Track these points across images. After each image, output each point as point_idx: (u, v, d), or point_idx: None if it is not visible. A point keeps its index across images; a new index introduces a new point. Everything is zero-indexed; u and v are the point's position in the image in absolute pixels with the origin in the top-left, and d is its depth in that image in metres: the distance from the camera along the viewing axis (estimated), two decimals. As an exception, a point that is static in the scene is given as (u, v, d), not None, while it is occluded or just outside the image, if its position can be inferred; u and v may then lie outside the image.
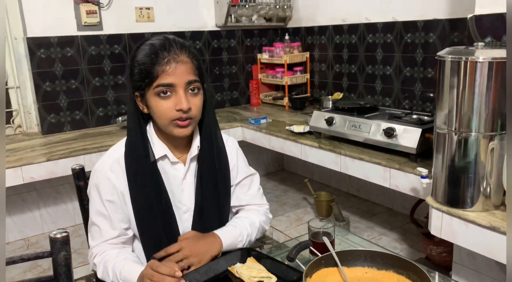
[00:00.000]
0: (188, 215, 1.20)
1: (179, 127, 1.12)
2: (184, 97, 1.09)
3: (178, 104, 1.09)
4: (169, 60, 1.08)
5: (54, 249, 0.92)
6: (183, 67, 1.09)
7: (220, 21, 3.23)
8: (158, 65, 1.08)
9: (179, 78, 1.08)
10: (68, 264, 0.94)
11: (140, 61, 1.10)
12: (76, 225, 2.91)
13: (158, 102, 1.10)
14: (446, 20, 2.38)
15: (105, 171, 1.16)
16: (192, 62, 1.11)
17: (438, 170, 1.50)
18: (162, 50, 1.08)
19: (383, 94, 2.84)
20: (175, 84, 1.08)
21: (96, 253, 1.16)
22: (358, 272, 1.01)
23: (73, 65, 2.79)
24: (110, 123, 2.99)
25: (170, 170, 1.19)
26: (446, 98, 1.42)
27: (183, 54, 1.10)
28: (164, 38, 1.12)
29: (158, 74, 1.08)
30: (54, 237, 0.92)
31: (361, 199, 3.16)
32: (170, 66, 1.07)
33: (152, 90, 1.10)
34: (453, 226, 1.47)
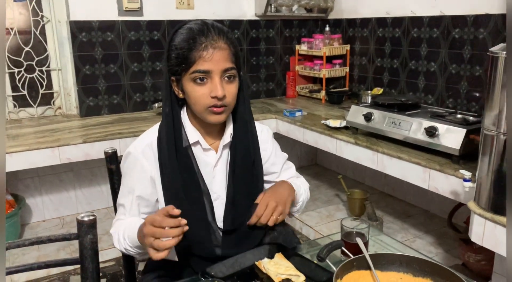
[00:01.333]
0: (218, 202, 1.18)
1: (214, 114, 1.10)
2: (219, 84, 1.07)
3: (214, 91, 1.07)
4: (206, 46, 1.05)
5: (81, 232, 0.92)
6: (220, 54, 1.06)
7: (259, 11, 3.18)
8: (195, 50, 1.05)
9: (216, 65, 1.06)
10: (95, 248, 0.93)
11: (177, 45, 1.08)
12: (109, 207, 2.97)
13: (193, 88, 1.08)
14: (499, 15, 2.24)
15: (137, 154, 1.15)
16: (229, 48, 1.09)
17: (483, 174, 1.41)
18: (199, 35, 1.06)
19: (425, 91, 2.72)
20: (211, 71, 1.06)
21: (114, 224, 1.16)
22: (392, 277, 0.96)
23: (112, 49, 2.81)
24: (146, 109, 3.01)
25: (202, 156, 1.18)
26: (496, 98, 1.33)
27: (221, 40, 1.07)
28: (202, 22, 1.09)
29: (195, 60, 1.06)
30: (81, 219, 0.92)
31: (396, 199, 3.06)
32: (207, 52, 1.05)
33: (188, 76, 1.08)
34: (496, 234, 1.38)
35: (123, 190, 1.18)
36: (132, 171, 1.16)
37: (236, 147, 1.18)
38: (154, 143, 1.15)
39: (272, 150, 1.29)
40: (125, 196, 1.17)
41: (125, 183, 1.18)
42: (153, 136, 1.16)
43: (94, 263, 0.93)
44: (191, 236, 1.12)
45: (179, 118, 1.16)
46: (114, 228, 1.13)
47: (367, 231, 1.08)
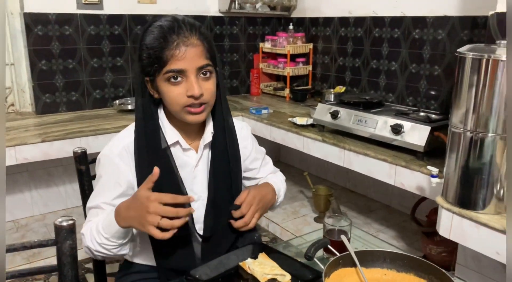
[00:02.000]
0: (200, 203, 1.15)
1: (192, 114, 1.07)
2: (195, 82, 1.03)
3: (190, 90, 1.03)
4: (178, 44, 1.01)
5: (60, 238, 0.87)
6: (193, 51, 1.02)
7: (223, 7, 3.15)
8: (167, 49, 1.01)
9: (190, 63, 1.02)
10: (74, 254, 0.88)
11: (148, 45, 1.03)
12: (68, 209, 2.85)
13: (168, 88, 1.05)
14: (456, 17, 2.34)
15: (113, 157, 1.10)
16: (203, 44, 1.05)
17: (450, 170, 1.47)
18: (170, 33, 1.02)
19: (386, 90, 2.80)
20: (186, 70, 1.03)
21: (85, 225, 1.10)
22: (377, 274, 0.97)
23: (71, 44, 2.69)
24: (106, 106, 2.90)
25: (182, 156, 1.14)
26: (464, 97, 1.38)
27: (193, 36, 1.03)
28: (173, 19, 1.05)
29: (168, 59, 1.02)
30: (59, 224, 0.86)
31: (358, 194, 3.14)
32: (179, 51, 1.01)
33: (162, 76, 1.04)
34: (463, 227, 1.44)
35: (97, 192, 1.12)
36: (108, 174, 1.10)
37: (217, 146, 1.16)
38: (131, 145, 1.10)
39: (252, 147, 1.29)
40: (99, 198, 1.11)
41: (100, 186, 1.12)
42: (129, 138, 1.11)
43: (73, 270, 0.88)
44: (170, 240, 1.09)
45: (155, 119, 1.12)
46: (86, 227, 1.07)
47: (349, 228, 1.10)
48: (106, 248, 1.04)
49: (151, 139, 1.09)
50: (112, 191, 1.09)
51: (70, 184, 2.84)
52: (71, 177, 2.82)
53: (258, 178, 1.34)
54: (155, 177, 0.96)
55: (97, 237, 1.03)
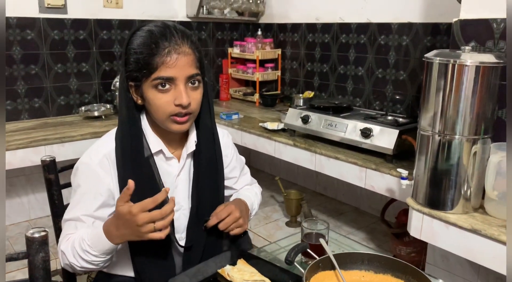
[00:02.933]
0: (181, 213, 1.13)
1: (177, 123, 1.04)
2: (184, 91, 1.01)
3: (178, 99, 1.01)
4: (169, 51, 0.99)
5: (31, 250, 0.83)
6: (184, 60, 1.00)
7: (191, 12, 3.13)
8: (158, 56, 0.99)
9: (180, 72, 1.00)
10: (47, 267, 0.84)
11: (137, 49, 1.00)
12: (31, 220, 2.73)
13: (155, 95, 1.02)
14: (420, 24, 2.42)
15: (94, 165, 1.06)
16: (194, 53, 1.03)
17: (420, 172, 1.51)
18: (162, 39, 0.99)
19: (354, 94, 2.86)
20: (175, 78, 1.00)
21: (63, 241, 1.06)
22: (355, 276, 0.98)
23: (33, 49, 2.60)
24: (72, 113, 2.82)
25: (164, 165, 1.12)
26: (432, 101, 1.43)
27: (185, 45, 1.01)
28: (164, 25, 1.03)
29: (158, 66, 0.99)
30: (31, 236, 0.83)
31: (328, 197, 3.18)
32: (171, 58, 0.99)
33: (150, 82, 1.01)
34: (433, 227, 1.48)
35: (76, 204, 1.07)
36: (87, 184, 1.06)
37: (200, 156, 1.14)
38: (112, 153, 1.07)
39: (233, 156, 1.28)
40: (78, 211, 1.06)
41: (79, 197, 1.07)
42: (110, 146, 1.08)
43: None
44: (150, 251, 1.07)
45: (138, 126, 1.08)
46: (66, 244, 1.03)
47: (326, 231, 1.11)
48: (94, 263, 1.01)
49: (134, 147, 1.06)
50: (93, 201, 1.06)
51: (34, 194, 2.73)
52: (34, 186, 2.72)
53: (235, 189, 1.33)
54: (131, 190, 0.94)
55: (83, 254, 1.00)
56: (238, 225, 1.12)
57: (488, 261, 1.35)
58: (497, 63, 1.35)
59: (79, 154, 2.27)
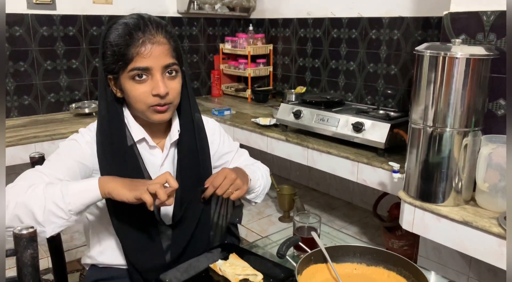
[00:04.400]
0: None
1: (157, 112, 1.04)
2: (161, 81, 1.01)
3: (155, 89, 1.01)
4: (144, 42, 0.99)
5: (19, 247, 0.82)
6: (159, 49, 1.01)
7: (182, 8, 3.11)
8: (132, 47, 0.99)
9: (156, 61, 1.00)
10: (35, 264, 0.83)
11: (112, 42, 1.00)
12: (22, 219, 2.71)
13: (133, 86, 1.02)
14: (411, 18, 2.42)
15: (82, 141, 1.08)
16: (169, 43, 1.03)
17: (411, 165, 1.51)
18: (136, 30, 0.99)
19: (346, 89, 2.85)
20: (151, 68, 1.01)
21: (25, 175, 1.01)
22: (347, 269, 0.98)
23: (22, 46, 2.57)
24: (62, 110, 2.79)
25: (147, 155, 1.12)
26: (423, 94, 1.43)
27: (160, 35, 1.01)
28: (139, 16, 1.03)
29: (133, 57, 0.99)
30: (19, 233, 0.81)
31: (320, 192, 3.18)
32: (145, 48, 0.99)
33: (127, 74, 1.01)
34: (425, 220, 1.48)
35: (52, 164, 1.05)
36: (70, 152, 1.06)
37: (183, 145, 1.13)
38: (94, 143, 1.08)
39: (220, 141, 1.26)
40: (53, 171, 1.02)
41: (57, 158, 1.06)
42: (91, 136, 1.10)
43: (35, 280, 0.84)
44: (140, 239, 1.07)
45: (119, 118, 1.08)
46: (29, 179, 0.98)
47: (318, 225, 1.10)
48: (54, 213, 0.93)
49: (116, 138, 1.06)
50: (68, 168, 1.04)
51: (24, 192, 2.70)
52: (25, 185, 2.69)
53: None
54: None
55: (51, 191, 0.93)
56: (237, 186, 1.07)
57: (479, 253, 1.36)
58: (487, 56, 1.36)
59: (70, 151, 2.27)
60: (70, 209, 0.93)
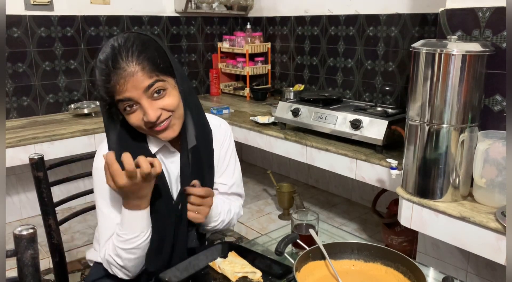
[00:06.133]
0: None
1: (162, 132, 1.04)
2: (149, 108, 0.99)
3: (145, 116, 1.00)
4: (117, 79, 0.97)
5: (20, 248, 0.82)
6: (133, 80, 0.97)
7: (179, 7, 3.11)
8: (109, 84, 0.98)
9: (134, 91, 0.97)
10: (36, 264, 0.84)
11: (97, 81, 1.00)
12: (23, 219, 2.72)
13: (127, 116, 1.02)
14: (408, 15, 2.43)
15: None
16: (143, 65, 0.98)
17: (409, 161, 1.52)
18: (108, 69, 0.97)
19: (344, 87, 2.86)
20: (134, 98, 0.98)
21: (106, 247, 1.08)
22: (345, 265, 0.99)
23: (20, 47, 2.57)
24: (61, 111, 2.80)
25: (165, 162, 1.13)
26: (419, 90, 1.44)
27: (131, 64, 0.97)
28: (111, 48, 0.99)
29: (113, 92, 0.98)
30: (19, 234, 0.82)
31: (320, 190, 3.19)
32: (119, 84, 0.97)
33: (118, 106, 1.02)
34: (423, 216, 1.49)
35: (105, 213, 1.08)
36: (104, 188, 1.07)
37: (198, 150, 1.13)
38: None
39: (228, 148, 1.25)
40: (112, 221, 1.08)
41: (106, 205, 1.08)
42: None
43: (35, 280, 0.84)
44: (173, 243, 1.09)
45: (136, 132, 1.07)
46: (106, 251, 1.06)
47: (316, 222, 1.11)
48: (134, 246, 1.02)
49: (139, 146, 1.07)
50: (117, 207, 1.07)
51: (24, 193, 2.72)
52: (25, 186, 2.70)
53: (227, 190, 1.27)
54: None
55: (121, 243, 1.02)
56: (201, 211, 1.06)
57: (477, 248, 1.37)
58: (483, 52, 1.36)
59: (69, 152, 2.29)
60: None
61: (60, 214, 1.33)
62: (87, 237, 2.52)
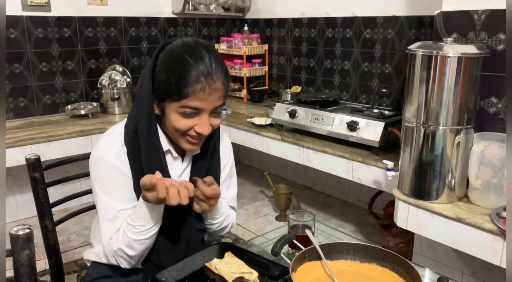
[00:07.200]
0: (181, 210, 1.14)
1: (190, 143, 1.07)
2: (207, 122, 1.03)
3: (200, 127, 1.02)
4: (204, 87, 0.98)
5: (16, 248, 0.82)
6: (216, 95, 1.01)
7: (177, 8, 3.12)
8: (191, 87, 0.98)
9: (210, 105, 1.01)
10: (32, 264, 0.84)
11: (169, 71, 0.99)
12: (20, 220, 2.71)
13: (178, 118, 1.03)
14: (404, 17, 2.44)
15: (111, 160, 1.07)
16: (225, 87, 1.03)
17: (405, 163, 1.53)
18: (198, 72, 0.97)
19: (340, 88, 2.87)
20: (203, 109, 1.01)
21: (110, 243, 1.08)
22: (341, 265, 1.00)
23: (17, 48, 2.57)
24: (58, 111, 2.79)
25: (169, 166, 1.13)
26: (415, 92, 1.45)
27: (219, 80, 1.00)
28: (200, 52, 0.99)
29: (188, 95, 0.99)
30: (15, 233, 0.82)
31: (317, 191, 3.20)
32: (204, 93, 0.99)
33: (175, 106, 1.01)
34: (419, 217, 1.50)
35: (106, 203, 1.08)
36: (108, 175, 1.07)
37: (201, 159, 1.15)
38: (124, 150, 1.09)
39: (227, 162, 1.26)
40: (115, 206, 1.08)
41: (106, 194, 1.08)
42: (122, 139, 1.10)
43: (32, 281, 0.84)
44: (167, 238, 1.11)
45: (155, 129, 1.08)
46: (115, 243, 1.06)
47: (312, 222, 1.12)
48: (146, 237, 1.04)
49: (153, 142, 1.07)
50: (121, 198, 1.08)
51: (21, 194, 2.71)
52: (21, 186, 2.70)
53: None
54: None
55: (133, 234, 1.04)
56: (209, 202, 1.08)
57: (472, 249, 1.38)
58: (478, 54, 1.37)
59: (66, 152, 2.29)
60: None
61: (56, 215, 1.33)
62: (83, 238, 2.51)
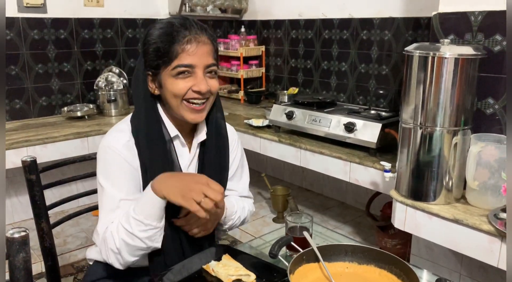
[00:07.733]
0: None
1: (193, 111, 1.06)
2: (203, 78, 1.05)
3: (197, 85, 1.04)
4: (190, 40, 1.02)
5: (12, 251, 0.82)
6: (204, 48, 1.04)
7: (173, 10, 3.11)
8: (178, 44, 1.02)
9: (200, 60, 1.03)
10: (28, 267, 0.83)
11: (156, 39, 1.03)
12: (15, 223, 2.70)
13: (174, 81, 1.04)
14: (401, 18, 2.44)
15: (119, 149, 1.06)
16: (212, 44, 1.07)
17: (402, 164, 1.53)
18: (182, 29, 1.02)
19: (337, 90, 2.87)
20: (195, 65, 1.03)
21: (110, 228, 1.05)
22: (339, 268, 0.99)
23: (12, 49, 2.56)
24: (54, 113, 2.78)
25: (179, 152, 1.14)
26: (413, 93, 1.45)
27: (204, 35, 1.05)
28: (183, 17, 1.07)
29: (178, 54, 1.02)
30: (11, 237, 0.81)
31: (314, 193, 3.19)
32: (191, 46, 1.02)
33: (169, 71, 1.03)
34: (416, 218, 1.50)
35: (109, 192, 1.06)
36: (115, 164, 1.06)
37: (208, 146, 1.15)
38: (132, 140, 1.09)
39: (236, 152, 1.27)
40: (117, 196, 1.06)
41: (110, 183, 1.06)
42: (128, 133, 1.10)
43: (27, 284, 0.84)
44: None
45: (156, 114, 1.10)
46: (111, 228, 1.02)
47: (310, 224, 1.11)
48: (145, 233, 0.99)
49: (156, 130, 1.08)
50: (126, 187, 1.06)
51: (17, 197, 2.69)
52: (17, 189, 2.68)
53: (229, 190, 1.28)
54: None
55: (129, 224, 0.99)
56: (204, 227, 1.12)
57: (470, 250, 1.38)
58: (475, 55, 1.37)
59: (62, 154, 2.28)
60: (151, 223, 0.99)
61: (52, 217, 1.32)
62: (79, 240, 2.50)
